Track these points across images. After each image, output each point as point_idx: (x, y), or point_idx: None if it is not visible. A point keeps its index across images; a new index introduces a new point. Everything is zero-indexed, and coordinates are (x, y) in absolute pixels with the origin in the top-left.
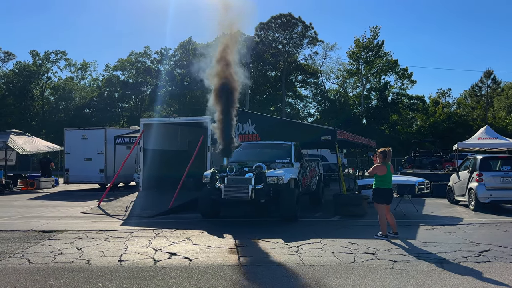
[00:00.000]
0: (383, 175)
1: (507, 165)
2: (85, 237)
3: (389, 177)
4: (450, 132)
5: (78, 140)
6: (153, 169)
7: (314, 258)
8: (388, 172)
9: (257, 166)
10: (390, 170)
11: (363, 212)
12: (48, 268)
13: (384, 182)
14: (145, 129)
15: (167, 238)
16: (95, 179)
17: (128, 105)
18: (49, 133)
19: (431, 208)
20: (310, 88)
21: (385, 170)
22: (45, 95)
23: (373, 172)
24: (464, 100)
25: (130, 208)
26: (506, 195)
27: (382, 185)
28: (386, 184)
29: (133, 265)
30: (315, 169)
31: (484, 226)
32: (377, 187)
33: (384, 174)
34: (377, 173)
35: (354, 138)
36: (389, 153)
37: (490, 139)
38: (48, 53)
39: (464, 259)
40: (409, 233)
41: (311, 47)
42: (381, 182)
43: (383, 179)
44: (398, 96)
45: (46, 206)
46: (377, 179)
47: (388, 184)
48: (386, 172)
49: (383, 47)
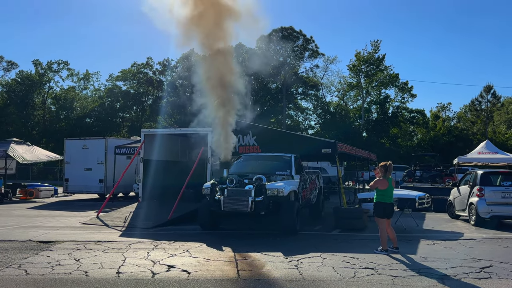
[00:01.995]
0: (385, 189)
1: (507, 180)
2: (83, 248)
3: (390, 191)
4: (450, 146)
5: (78, 150)
6: (153, 179)
7: (314, 273)
8: (390, 186)
9: (257, 178)
10: (391, 184)
11: (364, 226)
12: (45, 280)
13: (385, 196)
14: (146, 140)
15: (166, 250)
16: (95, 189)
17: (129, 116)
18: (50, 142)
19: (431, 222)
20: (310, 100)
21: (386, 184)
22: (46, 104)
23: (374, 186)
24: (464, 114)
25: (129, 219)
26: (507, 211)
27: (383, 199)
28: (387, 198)
29: (131, 277)
30: (315, 182)
31: (485, 242)
32: (378, 201)
33: (385, 189)
34: (378, 187)
35: (355, 151)
36: (390, 167)
37: (490, 153)
38: (50, 62)
39: (465, 275)
40: (409, 248)
41: (311, 60)
42: (382, 196)
43: (384, 193)
44: (398, 110)
45: (45, 216)
46: (378, 193)
47: (389, 199)
48: (387, 186)
49: (384, 61)
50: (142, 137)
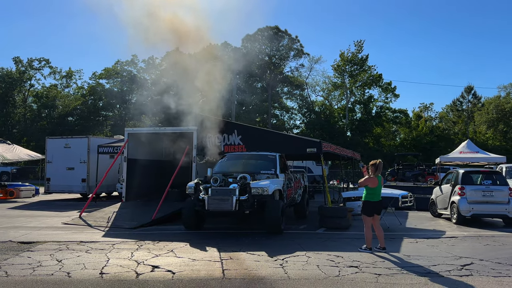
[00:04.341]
0: (374, 187)
1: (488, 179)
2: (65, 249)
3: (379, 189)
4: (432, 145)
5: (60, 149)
6: (137, 179)
7: (299, 271)
8: (379, 185)
9: (241, 177)
10: (380, 182)
11: (348, 224)
12: (26, 281)
13: (374, 195)
14: (130, 139)
15: (150, 250)
16: (77, 189)
17: (113, 114)
18: (31, 141)
19: (414, 221)
20: (296, 100)
21: (376, 183)
22: (27, 102)
23: (364, 183)
24: (446, 114)
25: (113, 219)
26: (487, 209)
27: (372, 198)
28: (376, 197)
29: (115, 278)
30: (300, 181)
31: (466, 240)
32: (367, 200)
33: (375, 187)
34: (369, 185)
35: (339, 151)
36: (380, 165)
37: (471, 153)
38: (31, 60)
39: (447, 272)
40: (393, 246)
41: (297, 59)
42: (371, 195)
43: (373, 192)
44: (381, 110)
45: (26, 216)
46: (367, 192)
47: (378, 197)
48: (377, 184)
49: (367, 61)
50: (125, 136)
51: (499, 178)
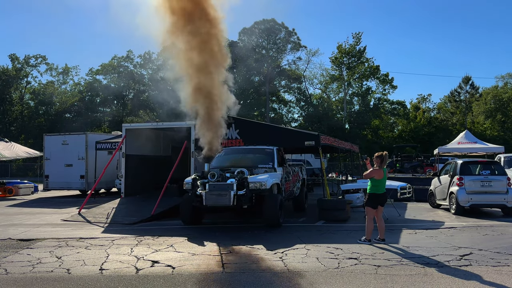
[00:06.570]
0: (380, 179)
1: (486, 170)
2: (65, 245)
3: (384, 181)
4: (431, 136)
5: (58, 146)
6: (136, 175)
7: (298, 264)
8: (384, 177)
9: (239, 171)
10: (386, 174)
11: (347, 217)
12: (26, 278)
13: (379, 187)
14: (127, 135)
15: (150, 245)
16: (76, 186)
17: (110, 110)
18: (29, 138)
19: (413, 212)
20: (293, 93)
21: (382, 174)
22: (24, 99)
23: (370, 175)
24: (444, 105)
25: (112, 215)
26: (486, 199)
27: (377, 190)
28: (381, 189)
29: (115, 273)
30: (299, 174)
31: (465, 230)
32: (372, 192)
33: (381, 179)
34: (375, 177)
35: (337, 143)
36: (385, 157)
37: (469, 143)
38: (28, 57)
39: (447, 262)
40: (392, 238)
41: (294, 52)
42: (376, 187)
43: (379, 184)
44: (379, 101)
45: (25, 213)
46: (373, 184)
47: (383, 189)
48: (383, 176)
49: (365, 53)
50: (123, 132)
51: (498, 168)
